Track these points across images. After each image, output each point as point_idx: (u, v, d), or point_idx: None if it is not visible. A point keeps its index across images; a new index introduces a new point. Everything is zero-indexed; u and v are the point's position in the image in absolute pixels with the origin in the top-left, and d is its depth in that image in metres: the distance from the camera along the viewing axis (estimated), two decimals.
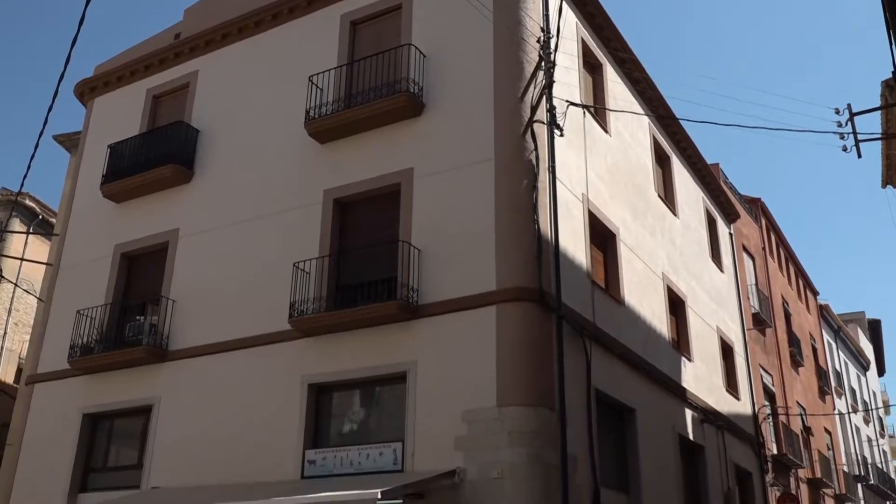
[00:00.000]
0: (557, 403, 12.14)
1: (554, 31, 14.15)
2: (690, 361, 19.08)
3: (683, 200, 21.40)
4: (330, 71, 15.48)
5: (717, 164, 26.10)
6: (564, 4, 15.42)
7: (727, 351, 22.46)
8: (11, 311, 25.63)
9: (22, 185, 14.75)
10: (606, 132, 16.94)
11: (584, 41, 16.79)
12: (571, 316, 13.23)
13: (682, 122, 21.07)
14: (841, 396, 38.51)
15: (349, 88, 15.27)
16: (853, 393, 42.01)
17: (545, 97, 13.90)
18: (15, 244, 25.30)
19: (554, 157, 13.79)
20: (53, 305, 17.91)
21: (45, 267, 20.84)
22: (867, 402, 45.22)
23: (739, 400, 22.46)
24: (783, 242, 33.84)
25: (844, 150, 14.02)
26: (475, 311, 12.45)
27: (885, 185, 19.66)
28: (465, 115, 13.89)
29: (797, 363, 30.53)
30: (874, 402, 47.80)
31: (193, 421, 14.61)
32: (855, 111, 14.10)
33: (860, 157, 14.13)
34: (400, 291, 12.91)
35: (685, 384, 18.29)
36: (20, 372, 23.40)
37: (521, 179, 13.08)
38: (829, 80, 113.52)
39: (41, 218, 26.20)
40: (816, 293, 38.51)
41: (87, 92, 20.24)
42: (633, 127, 18.70)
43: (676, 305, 19.31)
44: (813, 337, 35.42)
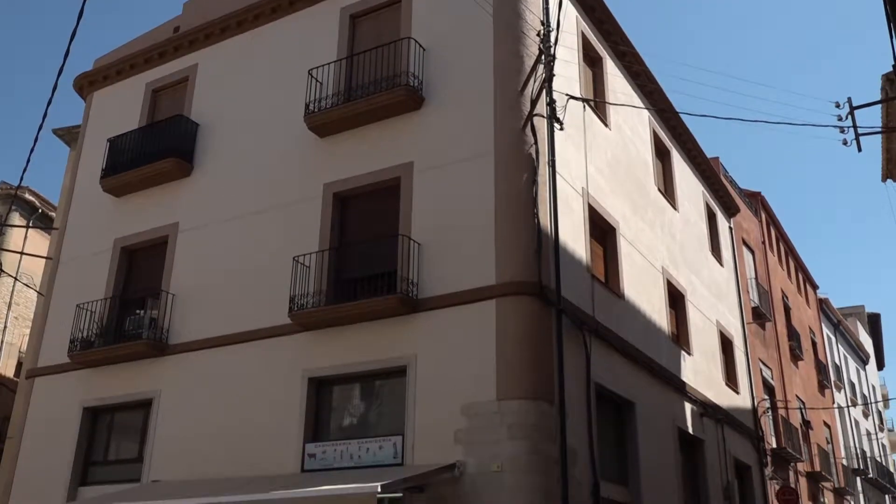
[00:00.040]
0: (557, 397, 12.15)
1: (554, 24, 14.13)
2: (690, 355, 19.10)
3: (683, 194, 21.39)
4: (329, 64, 15.46)
5: (716, 157, 26.09)
6: None
7: (727, 345, 22.48)
8: (11, 304, 25.64)
9: (21, 178, 14.74)
10: (606, 126, 16.93)
11: (584, 34, 16.76)
12: (571, 310, 13.24)
13: (682, 115, 21.06)
14: (840, 390, 38.56)
15: (349, 82, 15.25)
16: (852, 387, 42.07)
17: (545, 91, 13.89)
18: (15, 238, 25.30)
19: (554, 150, 13.78)
20: (53, 299, 17.92)
21: (44, 261, 20.83)
22: (866, 395, 45.28)
23: (739, 394, 22.49)
24: (783, 236, 33.84)
25: (845, 143, 14.00)
26: (475, 304, 12.45)
27: (885, 178, 19.65)
28: (464, 108, 13.87)
29: (797, 357, 30.55)
30: (873, 395, 47.86)
31: (193, 415, 14.63)
32: (855, 105, 14.09)
33: (860, 150, 14.12)
34: (400, 285, 12.92)
35: (685, 378, 18.32)
36: (20, 366, 23.43)
37: (520, 173, 13.08)
38: (829, 74, 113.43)
39: (41, 212, 26.19)
40: (816, 287, 38.53)
41: (86, 86, 20.21)
42: (633, 121, 18.69)
43: (676, 299, 19.32)
44: (812, 331, 35.45)
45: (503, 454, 11.41)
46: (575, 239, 14.25)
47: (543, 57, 14.04)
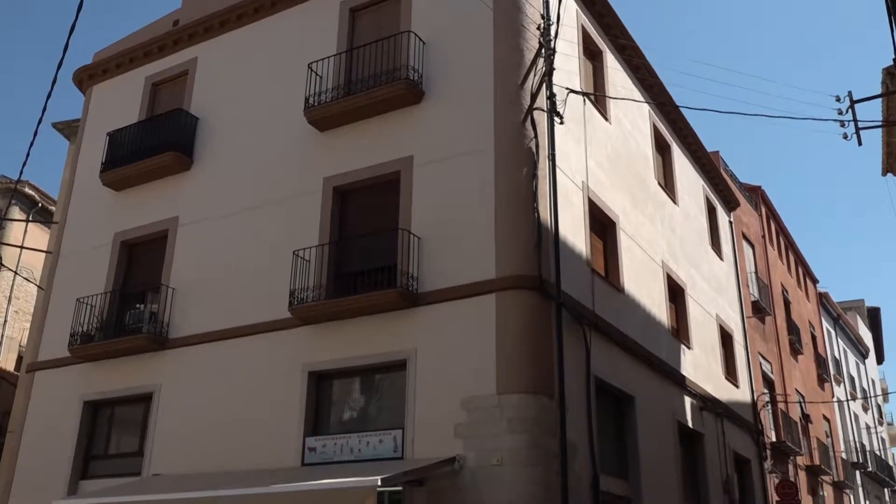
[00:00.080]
0: (557, 391, 12.17)
1: (554, 17, 14.10)
2: (690, 349, 19.12)
3: (683, 188, 21.38)
4: (329, 58, 15.43)
5: (717, 151, 26.06)
6: None
7: (726, 339, 22.50)
8: (11, 298, 25.65)
9: (21, 172, 14.71)
10: (606, 120, 16.91)
11: (584, 28, 16.73)
12: (571, 304, 13.25)
13: (682, 109, 21.04)
14: (840, 384, 38.60)
15: (349, 76, 15.23)
16: (852, 381, 42.11)
17: (545, 85, 13.87)
18: (14, 232, 25.29)
19: (554, 144, 13.77)
20: (53, 293, 17.93)
21: (44, 255, 20.83)
22: (866, 389, 45.33)
23: (738, 387, 22.52)
24: (783, 230, 33.83)
25: (845, 137, 14.01)
26: (475, 298, 12.46)
27: (885, 172, 19.62)
28: (464, 102, 13.85)
29: (796, 351, 30.58)
30: (873, 389, 47.92)
31: (194, 408, 14.65)
32: (855, 99, 14.08)
33: (861, 144, 14.12)
34: (400, 279, 12.92)
35: (684, 372, 18.34)
36: (20, 360, 23.45)
37: (520, 167, 13.07)
38: (830, 69, 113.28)
39: (40, 206, 26.18)
40: (816, 281, 38.54)
41: (85, 79, 20.19)
42: (633, 115, 18.67)
43: (676, 293, 19.33)
44: (812, 325, 35.47)
45: (503, 448, 11.43)
46: (575, 233, 14.25)
47: (543, 51, 14.02)
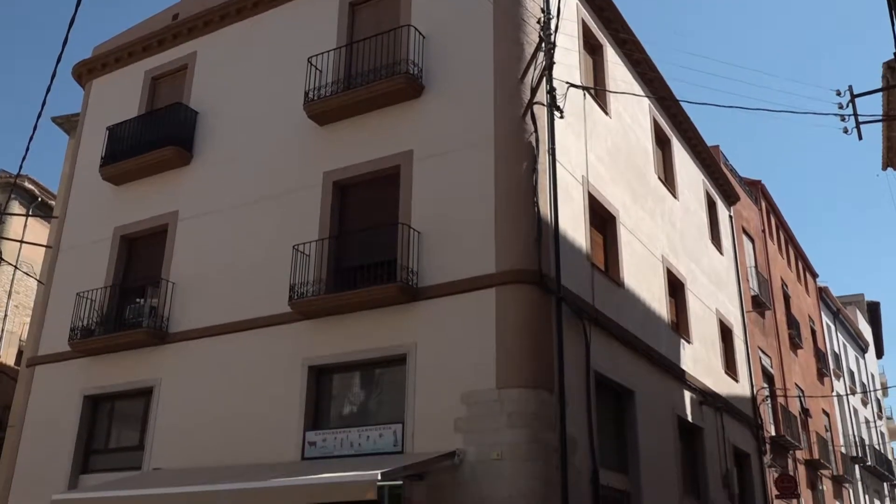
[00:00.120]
0: (557, 385, 12.17)
1: (554, 11, 14.07)
2: (689, 344, 19.13)
3: (683, 183, 21.37)
4: (329, 52, 15.41)
5: (717, 146, 26.04)
6: None
7: (726, 333, 22.51)
8: (11, 293, 25.66)
9: (21, 167, 14.64)
10: (607, 114, 16.89)
11: (584, 22, 16.70)
12: (571, 298, 13.25)
13: (682, 103, 21.01)
14: (839, 378, 38.64)
15: (348, 70, 15.21)
16: (851, 375, 42.16)
17: (545, 79, 13.84)
18: (14, 226, 25.28)
19: (554, 139, 13.76)
20: (53, 288, 17.93)
21: (44, 249, 20.82)
22: (865, 384, 45.38)
23: (738, 382, 22.54)
24: (783, 225, 33.83)
25: (845, 132, 13.98)
26: (475, 293, 12.45)
27: (885, 167, 19.61)
28: (464, 96, 13.83)
29: (796, 345, 30.61)
30: (872, 384, 47.97)
31: (194, 403, 14.66)
32: (856, 93, 14.05)
33: (861, 139, 14.10)
34: (399, 274, 12.92)
35: (684, 366, 18.35)
36: (21, 354, 23.46)
37: (520, 161, 13.05)
38: (831, 65, 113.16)
39: (40, 200, 26.16)
40: (816, 275, 38.55)
41: (85, 73, 20.15)
42: (633, 109, 18.65)
43: (676, 288, 19.33)
44: (812, 319, 35.49)
45: (503, 442, 11.44)
46: (575, 227, 14.24)
47: (543, 45, 13.99)
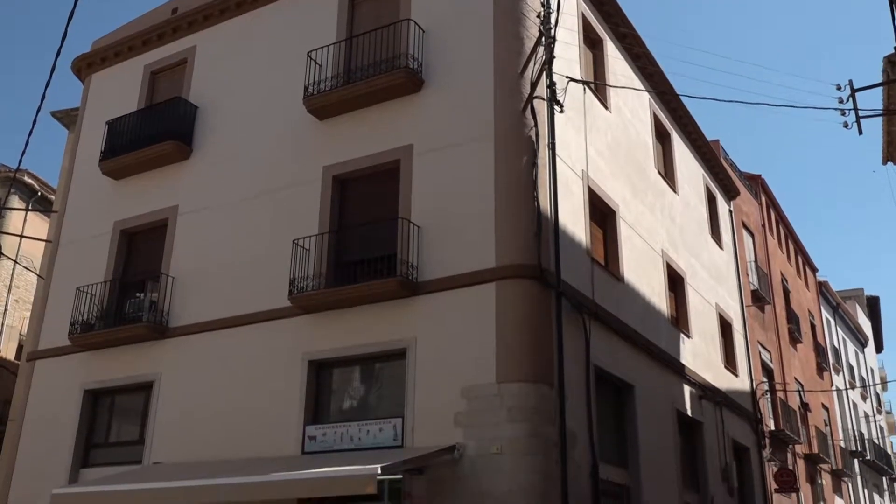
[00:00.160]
0: (556, 380, 12.19)
1: (554, 6, 14.03)
2: (689, 338, 19.14)
3: (683, 177, 21.36)
4: (329, 46, 15.38)
5: (717, 140, 26.02)
6: None
7: (726, 328, 22.53)
8: (11, 287, 25.66)
9: (20, 161, 14.61)
10: (607, 108, 16.87)
11: (584, 16, 16.67)
12: (571, 293, 13.25)
13: (682, 98, 20.99)
14: (839, 373, 38.68)
15: (348, 64, 15.19)
16: (851, 369, 42.20)
17: (545, 73, 13.83)
18: (14, 221, 25.27)
19: (554, 133, 13.74)
20: (53, 282, 17.93)
21: (44, 244, 20.81)
22: (865, 378, 45.43)
23: (738, 376, 22.56)
24: (783, 219, 33.82)
25: (845, 126, 13.98)
26: (475, 287, 12.46)
27: (885, 161, 19.59)
28: (464, 91, 13.81)
29: (796, 340, 30.63)
30: (872, 378, 48.02)
31: (194, 397, 14.68)
32: (856, 87, 14.04)
33: (861, 133, 14.09)
34: (399, 268, 12.92)
35: (684, 361, 18.37)
36: (21, 349, 23.48)
37: (520, 156, 13.05)
38: (831, 61, 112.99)
39: (40, 195, 26.14)
40: (815, 270, 38.56)
41: (84, 68, 20.12)
42: (633, 103, 18.63)
43: (676, 282, 19.34)
44: (811, 314, 35.51)
45: (503, 437, 11.46)
46: (575, 222, 14.24)
47: (543, 39, 13.97)
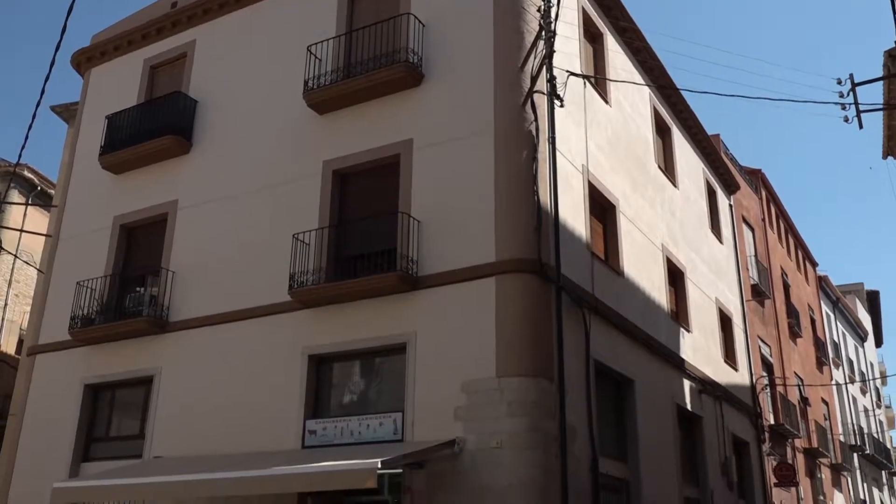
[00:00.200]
0: (556, 374, 12.19)
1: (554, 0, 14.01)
2: (689, 332, 19.15)
3: (683, 171, 21.34)
4: (328, 41, 15.35)
5: (717, 135, 25.99)
6: None
7: (726, 322, 22.54)
8: (12, 282, 25.66)
9: (20, 155, 14.60)
10: (607, 103, 16.85)
11: (584, 10, 16.64)
12: (571, 287, 13.25)
13: (682, 92, 20.95)
14: (838, 367, 38.71)
15: (348, 58, 15.16)
16: (851, 364, 42.22)
17: (545, 67, 13.80)
18: (14, 215, 25.25)
19: (554, 127, 13.73)
20: (53, 277, 17.93)
21: (44, 238, 20.81)
22: (864, 372, 45.46)
23: (737, 371, 22.58)
24: (783, 214, 33.81)
25: (846, 120, 13.95)
26: (475, 282, 12.46)
27: (885, 156, 19.57)
28: (464, 85, 13.79)
29: (795, 334, 30.64)
30: (871, 372, 48.06)
31: (194, 391, 14.69)
32: (857, 81, 14.01)
33: (861, 127, 14.07)
34: (399, 263, 12.92)
35: (684, 355, 18.38)
36: (21, 343, 23.49)
37: (520, 150, 13.04)
38: (832, 55, 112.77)
39: (40, 189, 26.13)
40: (815, 264, 38.56)
41: (83, 62, 20.09)
42: (633, 97, 18.60)
43: (676, 277, 19.34)
44: (811, 308, 35.52)
45: (503, 431, 11.47)
46: (575, 216, 14.23)
47: (544, 33, 13.94)
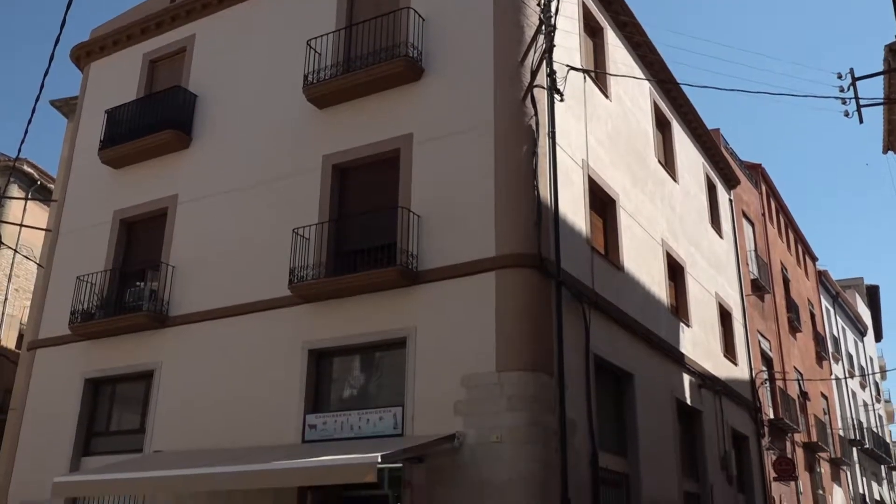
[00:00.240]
0: (556, 368, 12.21)
1: None
2: (689, 327, 19.16)
3: (683, 166, 21.33)
4: (328, 35, 15.32)
5: (717, 129, 25.96)
6: None
7: (725, 317, 22.55)
8: (11, 276, 25.66)
9: (19, 150, 14.59)
10: (607, 97, 16.83)
11: (584, 4, 16.61)
12: (570, 282, 13.26)
13: (683, 87, 20.93)
14: (838, 362, 38.74)
15: (348, 53, 15.14)
16: (850, 358, 42.26)
17: (545, 62, 13.78)
18: (14, 210, 25.25)
19: (554, 122, 13.71)
20: (53, 271, 17.93)
21: (44, 233, 20.80)
22: (864, 367, 45.50)
23: (737, 365, 22.60)
24: (783, 208, 33.79)
25: (846, 115, 13.95)
26: (474, 277, 12.46)
27: (886, 150, 19.56)
28: (464, 79, 13.78)
29: (795, 329, 30.66)
30: (871, 367, 48.10)
31: (194, 386, 14.71)
32: (857, 76, 14.01)
33: (862, 122, 14.07)
34: (399, 257, 12.92)
35: (683, 349, 18.39)
36: (21, 338, 23.50)
37: (520, 145, 13.02)
38: (833, 51, 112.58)
39: (39, 184, 26.10)
40: (815, 259, 38.56)
41: (83, 56, 20.06)
42: (633, 92, 18.58)
43: (675, 271, 19.34)
44: (811, 303, 35.54)
45: (503, 425, 11.48)
46: (575, 211, 14.23)
47: (544, 27, 13.92)
